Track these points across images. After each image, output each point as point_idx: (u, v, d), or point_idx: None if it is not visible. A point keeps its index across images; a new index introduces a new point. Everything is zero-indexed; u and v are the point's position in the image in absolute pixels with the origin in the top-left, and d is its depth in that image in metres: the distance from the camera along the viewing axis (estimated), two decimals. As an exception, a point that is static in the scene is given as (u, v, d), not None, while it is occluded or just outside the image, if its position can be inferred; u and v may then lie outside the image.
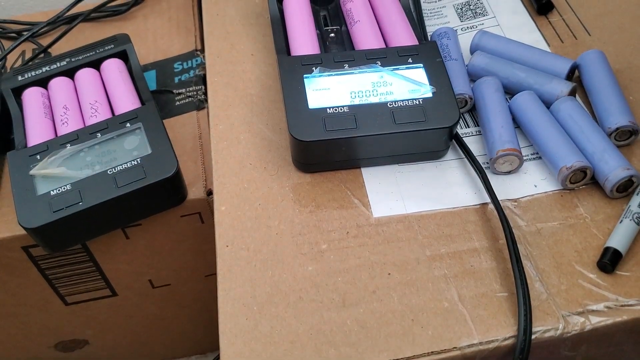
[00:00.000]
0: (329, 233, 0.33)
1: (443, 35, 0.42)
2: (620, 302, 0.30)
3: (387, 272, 0.32)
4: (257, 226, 0.34)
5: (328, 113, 0.34)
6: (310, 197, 0.35)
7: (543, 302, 0.30)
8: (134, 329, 0.60)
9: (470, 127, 0.39)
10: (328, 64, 0.36)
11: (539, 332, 0.29)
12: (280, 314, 0.30)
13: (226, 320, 0.30)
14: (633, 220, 0.32)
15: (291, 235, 0.33)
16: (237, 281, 0.31)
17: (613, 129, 0.36)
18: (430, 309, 0.30)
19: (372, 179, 0.36)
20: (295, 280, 0.31)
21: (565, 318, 0.29)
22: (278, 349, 0.29)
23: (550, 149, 0.35)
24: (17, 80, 0.45)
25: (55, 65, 0.46)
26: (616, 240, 0.32)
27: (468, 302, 0.30)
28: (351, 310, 0.30)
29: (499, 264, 0.32)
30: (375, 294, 0.31)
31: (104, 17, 0.57)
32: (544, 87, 0.38)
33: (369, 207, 0.34)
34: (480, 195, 0.35)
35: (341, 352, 0.29)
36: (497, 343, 0.29)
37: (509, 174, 0.36)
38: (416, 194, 0.35)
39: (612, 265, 0.31)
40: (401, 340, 0.29)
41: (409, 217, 0.34)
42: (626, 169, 0.33)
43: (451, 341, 0.29)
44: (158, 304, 0.56)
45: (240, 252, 0.33)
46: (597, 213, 0.34)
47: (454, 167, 0.37)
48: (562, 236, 0.33)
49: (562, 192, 0.35)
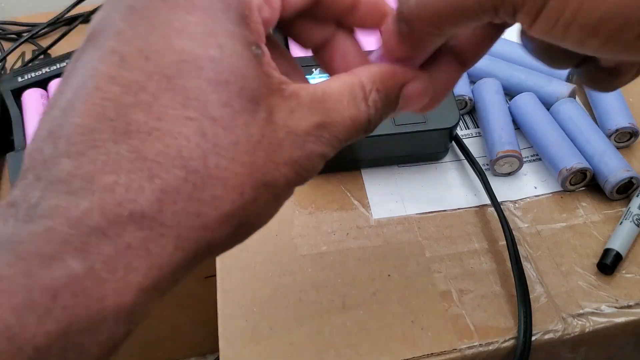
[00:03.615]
0: (329, 234, 0.33)
1: (443, 36, 0.42)
2: (620, 304, 0.30)
3: (387, 274, 0.31)
4: (256, 228, 0.34)
5: None
6: (310, 198, 0.35)
7: (543, 304, 0.30)
8: (134, 331, 0.60)
9: (470, 128, 0.39)
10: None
11: (539, 334, 0.29)
12: (279, 316, 0.30)
13: (225, 322, 0.30)
14: (633, 222, 0.32)
15: (291, 236, 0.33)
16: (236, 283, 0.31)
17: (613, 130, 0.36)
18: (430, 311, 0.30)
19: (372, 181, 0.36)
20: (295, 282, 0.31)
21: (565, 320, 0.29)
22: (277, 350, 0.29)
23: (550, 150, 0.35)
24: (17, 82, 0.45)
25: (55, 67, 0.46)
26: (616, 242, 0.31)
27: (468, 303, 0.30)
28: (351, 312, 0.30)
29: (498, 265, 0.32)
30: (375, 295, 0.31)
31: (104, 19, 0.57)
32: (544, 89, 0.38)
33: (368, 208, 0.34)
34: (480, 196, 0.35)
35: (341, 354, 0.29)
36: (497, 345, 0.29)
37: (509, 175, 0.36)
38: (416, 196, 0.35)
39: (612, 267, 0.31)
40: (401, 342, 0.29)
41: (409, 219, 0.34)
42: (626, 171, 0.33)
43: (451, 343, 0.29)
44: (157, 305, 0.56)
45: (240, 253, 0.33)
46: (597, 214, 0.34)
47: (453, 168, 0.37)
48: (562, 238, 0.33)
49: (562, 194, 0.35)
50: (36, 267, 0.15)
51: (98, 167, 0.16)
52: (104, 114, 0.17)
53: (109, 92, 0.17)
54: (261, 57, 0.19)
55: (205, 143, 0.17)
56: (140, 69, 0.17)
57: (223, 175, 0.17)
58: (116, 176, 0.16)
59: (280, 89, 0.19)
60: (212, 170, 0.17)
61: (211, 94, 0.17)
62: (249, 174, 0.18)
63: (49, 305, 0.14)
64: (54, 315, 0.14)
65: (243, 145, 0.18)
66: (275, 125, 0.19)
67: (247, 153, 0.18)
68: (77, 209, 0.16)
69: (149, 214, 0.16)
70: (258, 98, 0.18)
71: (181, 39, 0.18)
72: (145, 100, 0.17)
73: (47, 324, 0.14)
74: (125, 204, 0.16)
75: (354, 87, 0.20)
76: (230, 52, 0.18)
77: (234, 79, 0.18)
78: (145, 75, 0.17)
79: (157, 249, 0.16)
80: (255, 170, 0.18)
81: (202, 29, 0.18)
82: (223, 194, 0.17)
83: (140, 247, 0.16)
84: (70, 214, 0.15)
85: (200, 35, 0.18)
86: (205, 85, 0.17)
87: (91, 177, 0.16)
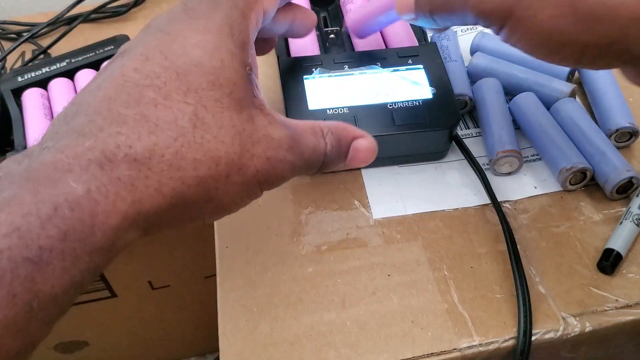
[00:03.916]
0: (329, 234, 0.33)
1: (443, 36, 0.42)
2: (620, 304, 0.30)
3: (387, 274, 0.32)
4: (257, 227, 0.34)
5: (328, 114, 0.34)
6: (310, 198, 0.35)
7: (543, 304, 0.30)
8: (134, 330, 0.60)
9: (470, 128, 0.39)
10: (328, 65, 0.36)
11: (538, 334, 0.29)
12: (280, 315, 0.30)
13: (226, 322, 0.30)
14: (633, 222, 0.32)
15: (291, 236, 0.33)
16: (236, 282, 0.31)
17: (613, 130, 0.36)
18: (430, 311, 0.30)
19: (372, 180, 0.36)
20: (295, 282, 0.31)
21: (565, 319, 0.29)
22: (278, 350, 0.29)
23: (550, 150, 0.35)
24: (17, 81, 0.45)
25: (55, 66, 0.46)
26: (616, 242, 0.31)
27: (468, 303, 0.30)
28: (351, 312, 0.30)
29: (498, 265, 0.32)
30: (375, 295, 0.31)
31: (104, 18, 0.57)
32: (544, 89, 0.38)
33: (368, 208, 0.34)
34: (480, 196, 0.35)
35: (341, 354, 0.29)
36: (497, 345, 0.29)
37: (509, 175, 0.36)
38: (416, 195, 0.35)
39: (612, 267, 0.31)
40: (401, 342, 0.29)
41: (409, 219, 0.34)
42: (626, 170, 0.33)
43: (451, 342, 0.29)
44: (157, 305, 0.56)
45: (240, 253, 0.33)
46: (596, 214, 0.34)
47: (453, 168, 0.37)
48: (562, 237, 0.33)
49: (562, 194, 0.35)
50: (43, 187, 0.18)
51: (107, 122, 0.20)
52: (122, 90, 0.21)
53: (131, 77, 0.22)
54: (251, 77, 0.24)
55: (197, 120, 0.22)
56: (159, 64, 0.22)
57: (206, 146, 0.21)
58: (120, 128, 0.20)
59: (261, 107, 0.24)
60: (197, 139, 0.21)
61: (208, 91, 0.22)
62: (226, 152, 0.22)
63: (50, 214, 0.18)
64: (54, 222, 0.18)
65: (226, 129, 0.22)
66: (255, 126, 0.23)
67: (229, 136, 0.22)
68: (83, 146, 0.20)
69: (140, 159, 0.20)
70: (243, 104, 0.23)
71: (195, 50, 0.23)
72: (158, 84, 0.22)
73: (48, 228, 0.18)
74: (122, 148, 0.20)
75: (314, 126, 0.26)
76: (228, 66, 0.23)
77: (227, 84, 0.23)
78: (162, 68, 0.22)
79: (141, 187, 0.20)
80: (232, 151, 0.22)
81: (212, 45, 0.23)
82: (203, 159, 0.21)
83: (128, 183, 0.20)
84: (76, 149, 0.19)
85: (210, 50, 0.23)
86: (205, 84, 0.22)
87: (100, 127, 0.20)
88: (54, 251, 0.18)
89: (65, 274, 0.18)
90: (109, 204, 0.19)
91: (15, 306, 0.17)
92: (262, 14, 0.27)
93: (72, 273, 0.18)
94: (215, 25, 0.24)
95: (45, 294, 0.17)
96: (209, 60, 0.23)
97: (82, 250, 0.18)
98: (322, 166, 0.27)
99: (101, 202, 0.19)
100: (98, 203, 0.19)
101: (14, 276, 0.17)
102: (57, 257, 0.18)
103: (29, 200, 0.18)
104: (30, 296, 0.17)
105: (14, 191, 0.18)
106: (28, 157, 0.20)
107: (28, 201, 0.18)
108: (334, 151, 0.27)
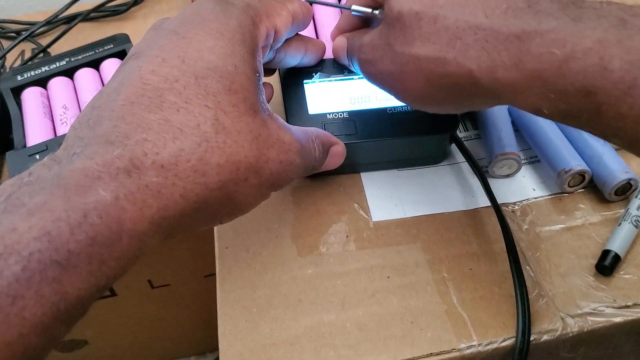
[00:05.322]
0: (329, 236, 0.33)
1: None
2: (618, 304, 0.30)
3: (386, 275, 0.32)
4: (257, 228, 0.34)
5: (328, 119, 0.34)
6: (310, 200, 0.35)
7: (542, 304, 0.30)
8: (133, 329, 0.60)
9: (469, 130, 0.39)
10: (328, 69, 0.36)
11: (537, 334, 0.29)
12: (279, 316, 0.30)
13: (226, 322, 0.30)
14: (632, 223, 0.32)
15: (291, 238, 0.33)
16: (236, 283, 0.32)
17: (612, 132, 0.36)
18: (430, 312, 0.30)
19: (371, 184, 0.36)
20: (295, 283, 0.31)
21: (564, 320, 0.30)
22: (277, 351, 0.29)
23: (549, 152, 0.35)
24: (16, 80, 0.45)
25: (55, 65, 0.46)
26: (615, 243, 0.32)
27: (467, 304, 0.30)
28: (350, 313, 0.30)
29: (497, 266, 0.32)
30: (375, 296, 0.31)
31: (104, 17, 0.57)
32: (543, 90, 0.38)
33: (368, 211, 0.35)
34: (479, 199, 0.35)
35: (340, 354, 0.29)
36: (496, 345, 0.29)
37: (508, 177, 0.36)
38: (415, 198, 0.35)
39: (610, 268, 0.31)
40: (400, 343, 0.29)
41: (408, 221, 0.34)
42: (624, 172, 0.33)
43: (450, 343, 0.29)
44: (157, 304, 0.56)
45: (240, 254, 0.33)
46: (595, 216, 0.34)
47: (452, 171, 0.37)
48: (561, 239, 0.33)
49: (561, 196, 0.35)
50: (73, 195, 0.19)
51: (132, 128, 0.21)
52: (143, 94, 0.22)
53: (150, 80, 0.22)
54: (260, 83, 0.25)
55: (218, 124, 0.22)
56: (177, 68, 0.23)
57: (228, 150, 0.22)
58: (146, 134, 0.21)
59: (269, 112, 0.25)
60: (220, 144, 0.22)
61: (225, 95, 0.23)
62: (245, 156, 0.23)
63: (80, 220, 0.18)
64: (83, 228, 0.18)
65: (245, 134, 0.23)
66: (269, 130, 0.24)
67: (247, 140, 0.23)
68: (112, 154, 0.20)
69: (167, 166, 0.21)
70: (256, 109, 0.24)
71: (210, 54, 0.23)
72: (178, 88, 0.22)
73: (77, 234, 0.18)
74: (150, 155, 0.20)
75: (307, 132, 0.28)
76: (241, 71, 0.24)
77: (241, 90, 0.24)
78: (180, 72, 0.23)
79: (168, 194, 0.20)
80: (251, 155, 0.23)
81: (226, 51, 0.24)
82: (225, 164, 0.22)
83: (156, 190, 0.20)
84: (105, 157, 0.20)
85: (224, 55, 0.24)
86: (221, 88, 0.23)
87: (126, 134, 0.21)
88: (82, 255, 0.18)
89: (92, 277, 0.18)
90: (136, 211, 0.20)
91: (43, 307, 0.17)
92: (273, 30, 0.27)
93: (98, 277, 0.19)
94: (229, 30, 0.24)
95: (71, 296, 0.18)
96: (224, 64, 0.23)
97: (108, 255, 0.19)
98: (312, 169, 0.29)
99: (129, 210, 0.19)
100: (126, 210, 0.19)
101: (42, 278, 0.17)
102: (84, 260, 0.18)
103: (59, 206, 0.18)
104: (57, 297, 0.18)
105: (45, 197, 0.18)
106: (57, 162, 0.20)
107: (59, 208, 0.18)
108: (321, 156, 0.29)
